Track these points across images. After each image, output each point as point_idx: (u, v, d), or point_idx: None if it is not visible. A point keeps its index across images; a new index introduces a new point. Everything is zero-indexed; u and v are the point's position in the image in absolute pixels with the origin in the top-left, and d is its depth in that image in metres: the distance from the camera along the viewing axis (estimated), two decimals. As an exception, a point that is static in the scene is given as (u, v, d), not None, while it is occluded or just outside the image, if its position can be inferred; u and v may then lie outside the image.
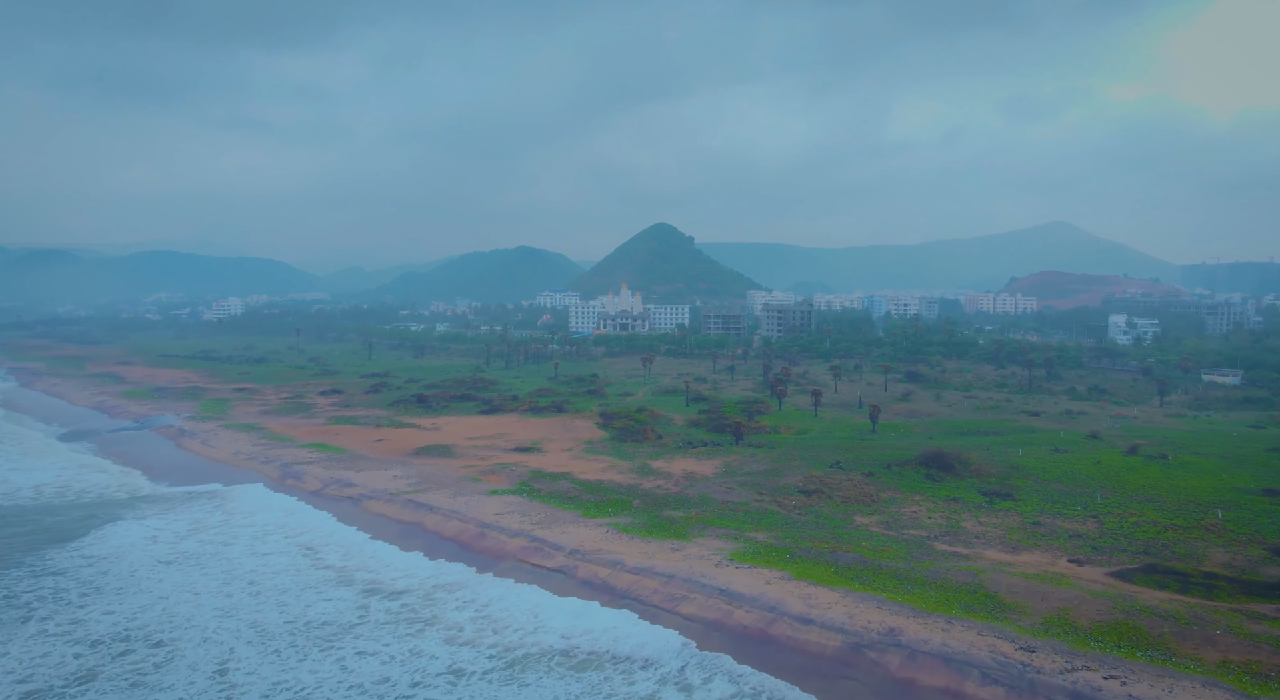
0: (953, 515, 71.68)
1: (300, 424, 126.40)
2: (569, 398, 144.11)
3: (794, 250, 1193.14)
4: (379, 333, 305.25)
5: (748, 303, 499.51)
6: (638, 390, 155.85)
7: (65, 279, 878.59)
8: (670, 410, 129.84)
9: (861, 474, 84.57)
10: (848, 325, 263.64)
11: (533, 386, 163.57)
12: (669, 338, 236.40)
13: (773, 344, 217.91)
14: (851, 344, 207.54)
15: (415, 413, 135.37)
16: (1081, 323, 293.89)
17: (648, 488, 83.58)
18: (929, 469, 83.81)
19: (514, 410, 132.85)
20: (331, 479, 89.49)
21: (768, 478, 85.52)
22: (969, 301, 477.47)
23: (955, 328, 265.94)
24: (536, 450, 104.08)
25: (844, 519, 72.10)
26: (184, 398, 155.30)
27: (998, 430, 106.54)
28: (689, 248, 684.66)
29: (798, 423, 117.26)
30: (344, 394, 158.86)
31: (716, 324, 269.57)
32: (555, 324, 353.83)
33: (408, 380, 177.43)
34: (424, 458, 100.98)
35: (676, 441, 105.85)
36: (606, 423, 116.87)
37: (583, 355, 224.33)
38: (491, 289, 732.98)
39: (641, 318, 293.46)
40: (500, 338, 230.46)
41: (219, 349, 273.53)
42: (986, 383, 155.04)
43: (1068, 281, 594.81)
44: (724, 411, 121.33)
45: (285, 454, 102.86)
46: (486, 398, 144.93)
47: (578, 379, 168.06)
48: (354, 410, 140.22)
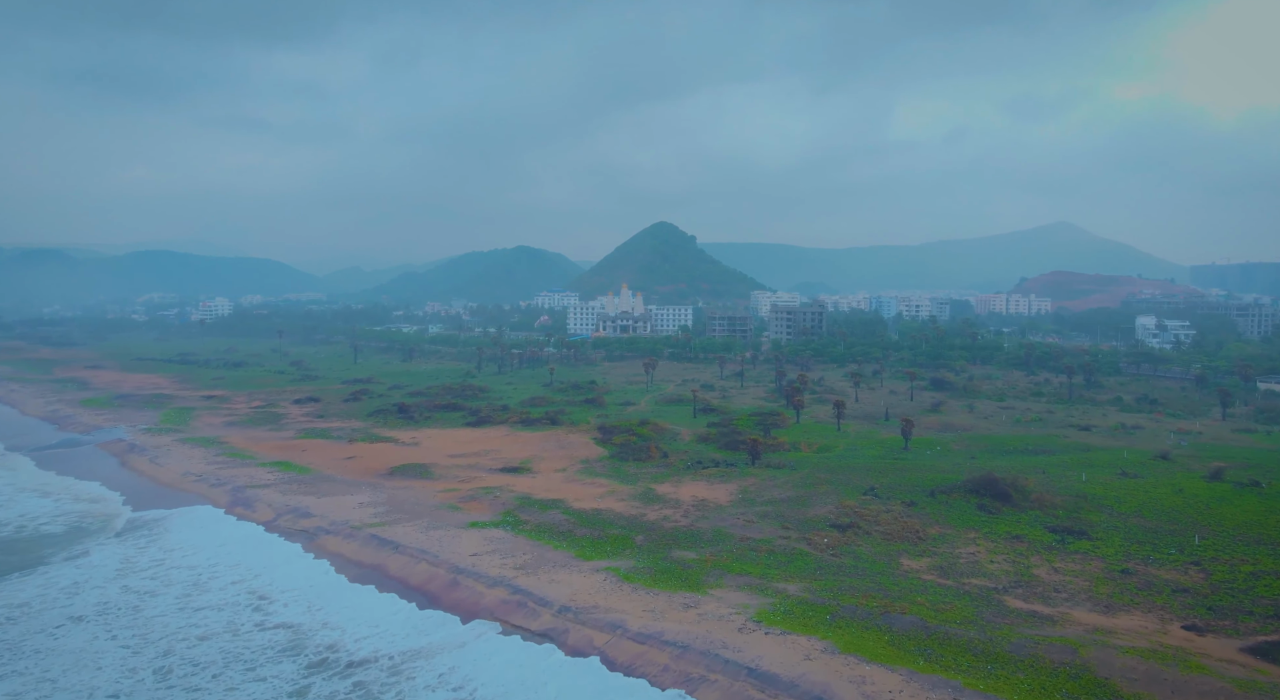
0: (1020, 559, 60.23)
1: (266, 437, 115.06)
2: (564, 408, 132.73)
3: (795, 250, 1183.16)
4: (368, 335, 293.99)
5: (752, 303, 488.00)
6: (639, 399, 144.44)
7: (58, 279, 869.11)
8: (676, 423, 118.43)
9: (902, 503, 73.13)
10: (860, 327, 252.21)
11: (525, 394, 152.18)
12: (672, 341, 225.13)
13: (783, 348, 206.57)
14: (867, 348, 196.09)
15: (395, 424, 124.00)
16: (1104, 324, 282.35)
17: (653, 519, 72.18)
18: (981, 497, 72.37)
19: (503, 422, 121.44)
20: (287, 507, 78.03)
21: (793, 507, 74.07)
22: (980, 302, 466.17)
23: (974, 330, 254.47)
24: (526, 471, 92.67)
25: (888, 562, 60.66)
26: (146, 406, 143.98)
27: (1047, 448, 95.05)
28: (691, 247, 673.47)
29: (819, 438, 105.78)
30: (320, 402, 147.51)
31: (721, 326, 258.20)
32: (553, 325, 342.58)
33: (391, 387, 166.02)
34: (398, 479, 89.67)
35: (684, 461, 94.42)
36: (605, 438, 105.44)
37: (580, 359, 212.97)
38: (489, 289, 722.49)
39: (643, 319, 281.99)
40: (493, 341, 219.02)
41: (199, 352, 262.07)
42: (1020, 391, 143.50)
43: (1080, 282, 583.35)
44: (737, 425, 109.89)
45: (241, 475, 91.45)
46: (474, 407, 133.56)
47: (574, 386, 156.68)
48: (328, 421, 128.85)
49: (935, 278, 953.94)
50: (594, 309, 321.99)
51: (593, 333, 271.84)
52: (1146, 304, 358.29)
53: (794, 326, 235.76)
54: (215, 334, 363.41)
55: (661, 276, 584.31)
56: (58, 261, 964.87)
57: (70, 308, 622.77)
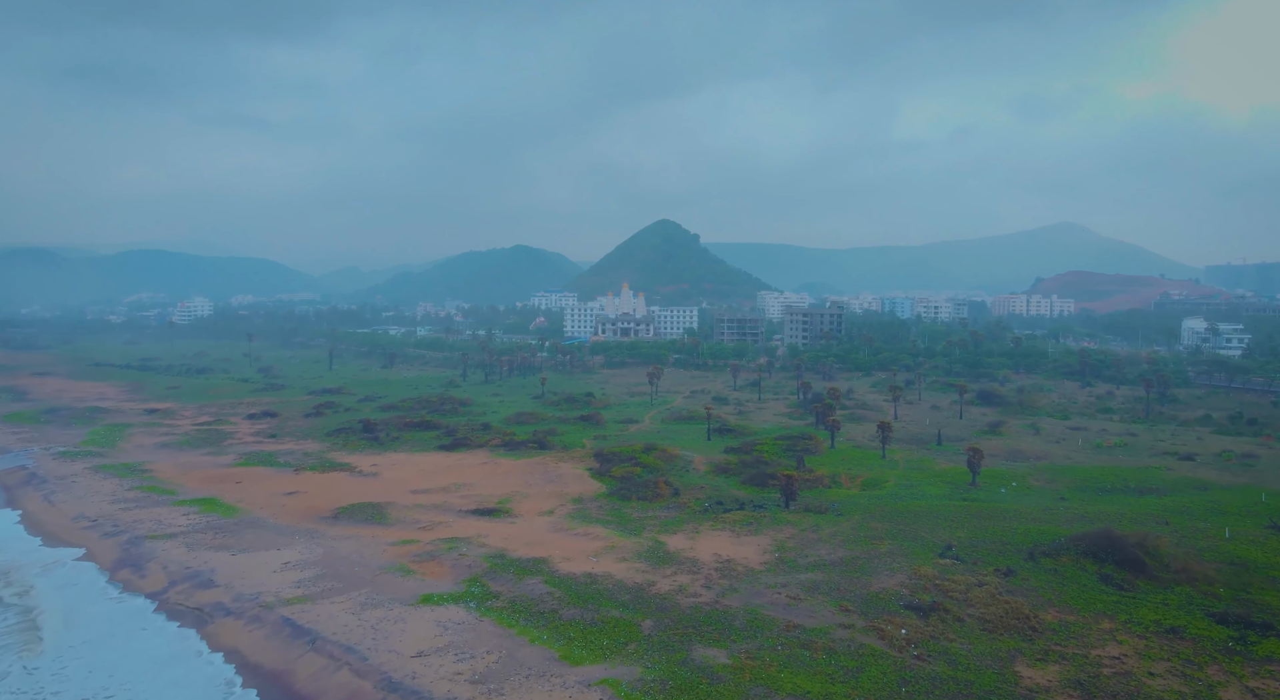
0: (1191, 670, 42.75)
1: (201, 464, 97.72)
2: (555, 426, 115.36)
3: (798, 251, 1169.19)
4: (350, 338, 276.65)
5: (759, 304, 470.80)
6: (643, 415, 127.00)
7: (44, 279, 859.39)
8: (688, 446, 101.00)
9: (996, 571, 55.68)
10: (880, 331, 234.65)
11: (512, 409, 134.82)
12: (678, 345, 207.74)
13: (801, 353, 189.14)
14: (895, 354, 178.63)
15: (356, 446, 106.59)
16: (1141, 327, 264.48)
17: (664, 591, 54.81)
18: (1101, 564, 54.99)
19: (483, 445, 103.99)
20: (188, 571, 60.59)
21: (848, 574, 56.64)
22: (998, 303, 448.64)
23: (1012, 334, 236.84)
24: (504, 513, 75.26)
25: (998, 670, 43.24)
26: (76, 422, 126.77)
27: (1152, 486, 77.56)
28: (694, 246, 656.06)
29: (862, 468, 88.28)
30: (277, 418, 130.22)
31: (730, 329, 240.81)
32: (549, 328, 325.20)
33: (362, 399, 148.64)
34: (343, 524, 72.34)
35: (700, 500, 77.00)
36: (603, 469, 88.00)
37: (577, 366, 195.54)
38: (486, 290, 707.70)
39: (645, 321, 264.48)
40: (480, 345, 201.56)
41: (164, 356, 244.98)
42: (1083, 407, 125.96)
43: (1099, 282, 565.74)
44: (761, 452, 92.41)
45: (148, 519, 74.06)
46: (450, 426, 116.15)
47: (568, 399, 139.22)
48: (280, 442, 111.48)
49: (940, 278, 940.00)
50: (592, 310, 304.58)
51: (591, 336, 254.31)
52: (1184, 305, 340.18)
53: (810, 330, 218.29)
54: (192, 336, 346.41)
55: (664, 276, 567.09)
56: (46, 261, 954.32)
57: (50, 308, 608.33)
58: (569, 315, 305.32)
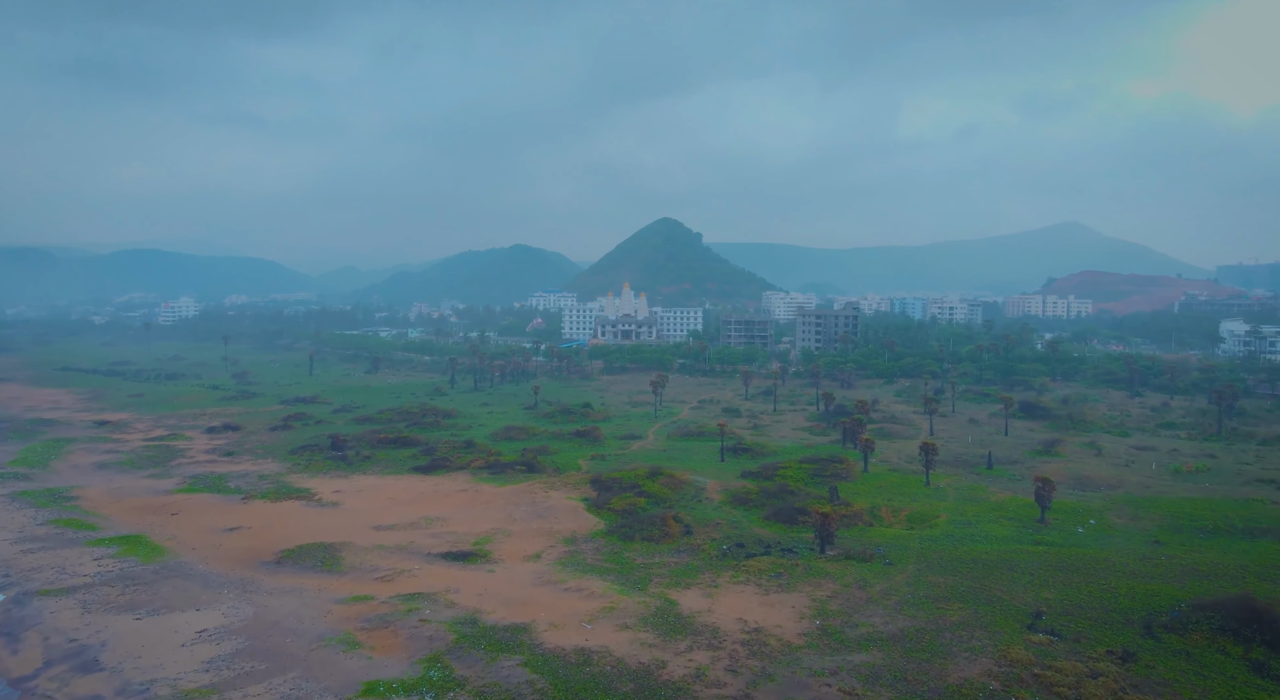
0: None
1: (137, 489, 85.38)
2: (549, 443, 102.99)
3: (799, 251, 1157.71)
4: (337, 340, 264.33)
5: (764, 305, 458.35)
6: (647, 430, 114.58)
7: (36, 279, 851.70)
8: (698, 468, 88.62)
9: (1109, 654, 43.14)
10: (896, 333, 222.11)
11: (501, 421, 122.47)
12: (683, 349, 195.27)
13: (816, 358, 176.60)
14: (918, 359, 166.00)
15: (320, 467, 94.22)
16: (1172, 329, 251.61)
17: (677, 677, 42.43)
18: (1247, 645, 42.50)
19: (464, 467, 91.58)
20: (72, 645, 48.16)
21: (916, 657, 44.11)
22: (1012, 303, 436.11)
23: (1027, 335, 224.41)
24: (481, 558, 62.91)
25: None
26: (14, 436, 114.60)
27: (1262, 525, 65.02)
28: (697, 245, 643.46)
29: (905, 499, 75.81)
30: (240, 431, 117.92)
31: (738, 331, 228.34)
32: (547, 329, 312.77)
33: (337, 409, 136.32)
34: (287, 572, 60.02)
35: (718, 541, 64.63)
36: (601, 499, 75.60)
37: (574, 371, 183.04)
38: (484, 290, 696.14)
39: (647, 324, 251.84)
40: (471, 349, 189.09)
41: (137, 360, 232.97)
42: (1140, 421, 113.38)
43: (1114, 282, 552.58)
44: (786, 479, 79.98)
45: (52, 563, 61.74)
46: (430, 443, 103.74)
47: (564, 411, 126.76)
48: (236, 461, 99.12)
49: (943, 278, 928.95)
50: (592, 311, 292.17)
51: (590, 339, 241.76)
52: (1212, 306, 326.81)
53: (824, 333, 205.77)
54: (175, 337, 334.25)
55: (666, 276, 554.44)
56: (39, 261, 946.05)
57: (36, 308, 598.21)
58: (567, 316, 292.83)
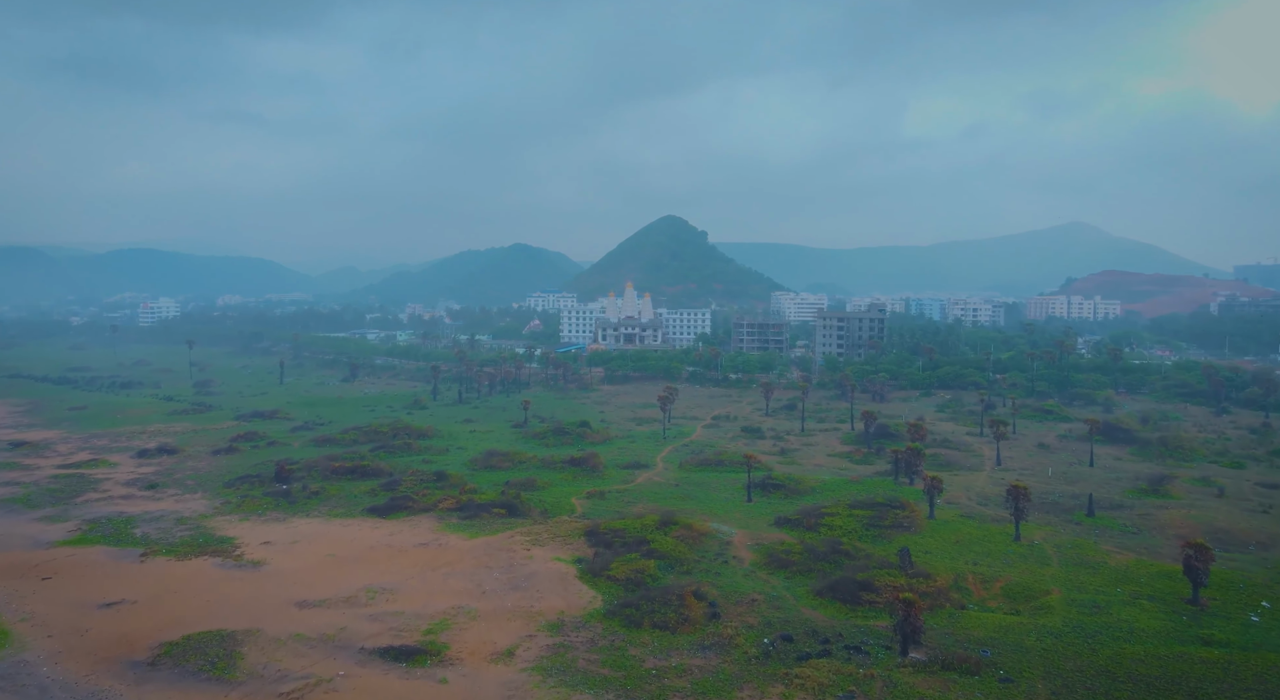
0: None
1: (16, 536, 68.83)
2: (537, 474, 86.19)
3: (803, 251, 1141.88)
4: (318, 344, 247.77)
5: (773, 306, 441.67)
6: (654, 455, 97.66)
7: (28, 278, 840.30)
8: (721, 512, 71.79)
9: None
10: (926, 338, 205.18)
11: (484, 443, 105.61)
12: (692, 355, 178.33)
13: (843, 367, 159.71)
14: (958, 368, 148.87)
15: (256, 506, 77.44)
16: (1221, 332, 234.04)
17: None
18: None
19: (430, 508, 74.70)
20: None
21: None
22: (1034, 305, 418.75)
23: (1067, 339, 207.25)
24: (434, 655, 46.18)
25: None
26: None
27: None
28: (701, 244, 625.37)
29: (993, 559, 58.82)
30: (176, 455, 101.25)
31: (751, 335, 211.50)
32: (545, 332, 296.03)
33: (297, 427, 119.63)
34: (158, 681, 43.72)
35: (754, 630, 47.85)
36: (599, 562, 58.65)
37: (572, 380, 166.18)
38: (483, 290, 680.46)
39: (652, 326, 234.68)
40: (457, 355, 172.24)
41: (99, 365, 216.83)
42: (1245, 445, 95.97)
43: (1137, 282, 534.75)
44: (835, 531, 62.96)
45: None
46: (394, 475, 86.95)
47: (557, 431, 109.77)
48: (157, 497, 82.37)
49: (949, 279, 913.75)
50: (592, 313, 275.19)
51: (589, 344, 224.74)
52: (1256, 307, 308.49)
53: (847, 337, 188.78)
54: (151, 340, 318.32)
55: (670, 276, 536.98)
56: (32, 260, 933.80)
57: (19, 309, 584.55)
58: (565, 318, 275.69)
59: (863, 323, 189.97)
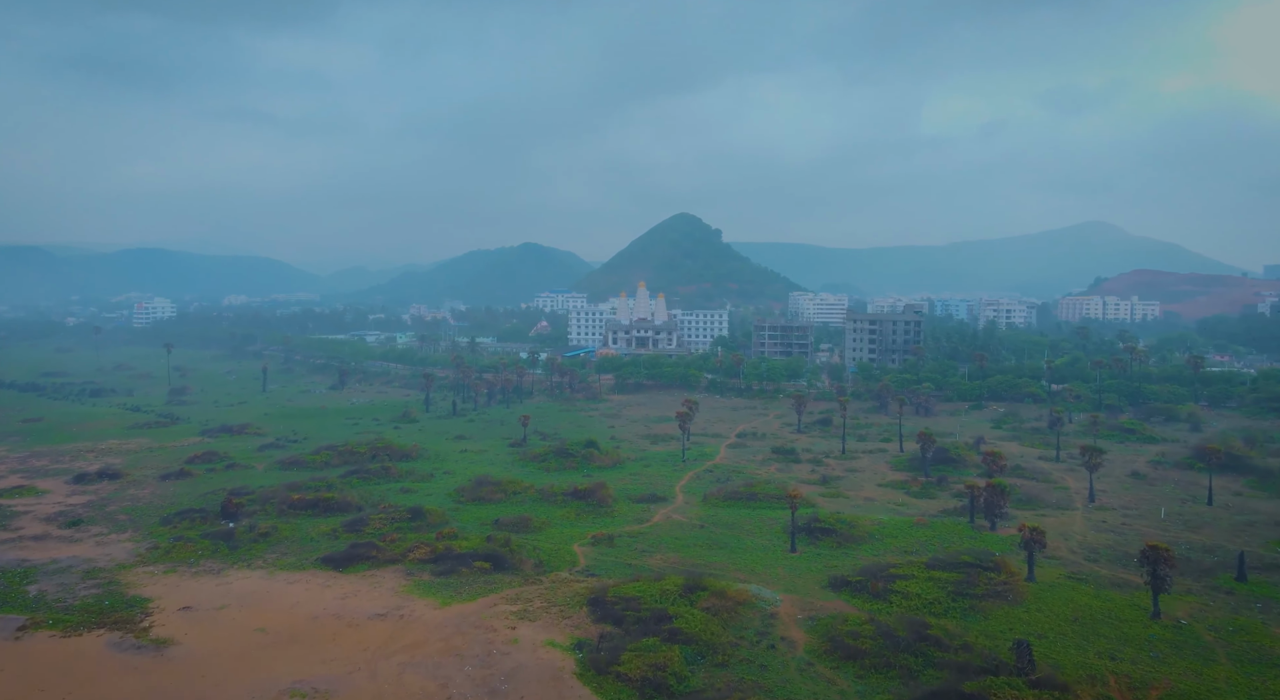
0: None
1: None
2: (533, 511, 72.30)
3: (816, 250, 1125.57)
4: (310, 347, 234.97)
5: (791, 307, 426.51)
6: (673, 484, 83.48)
7: (34, 278, 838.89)
8: (759, 567, 57.66)
9: None
10: (963, 341, 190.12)
11: (474, 467, 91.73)
12: (711, 362, 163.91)
13: (878, 374, 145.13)
14: (1011, 378, 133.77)
15: (189, 552, 63.84)
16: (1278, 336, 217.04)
17: None
18: None
19: (399, 558, 60.85)
20: None
21: None
22: (1065, 305, 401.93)
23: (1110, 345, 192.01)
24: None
25: None
26: None
27: None
28: (715, 242, 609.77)
29: (1136, 653, 44.46)
30: (119, 480, 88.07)
31: (773, 338, 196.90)
32: (552, 334, 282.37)
33: (266, 446, 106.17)
34: None
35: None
36: (604, 651, 44.55)
37: (579, 389, 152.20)
38: (491, 290, 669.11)
39: (667, 329, 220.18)
40: (455, 361, 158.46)
41: (76, 370, 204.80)
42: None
43: (1172, 282, 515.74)
44: (912, 601, 48.64)
45: None
46: (362, 510, 73.28)
47: (560, 451, 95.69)
48: (75, 538, 68.92)
49: (964, 279, 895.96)
50: (602, 314, 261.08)
51: (599, 348, 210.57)
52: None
53: (880, 342, 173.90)
54: (143, 342, 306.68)
55: (683, 275, 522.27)
56: (38, 259, 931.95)
57: (18, 309, 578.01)
58: (574, 320, 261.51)
59: (897, 325, 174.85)
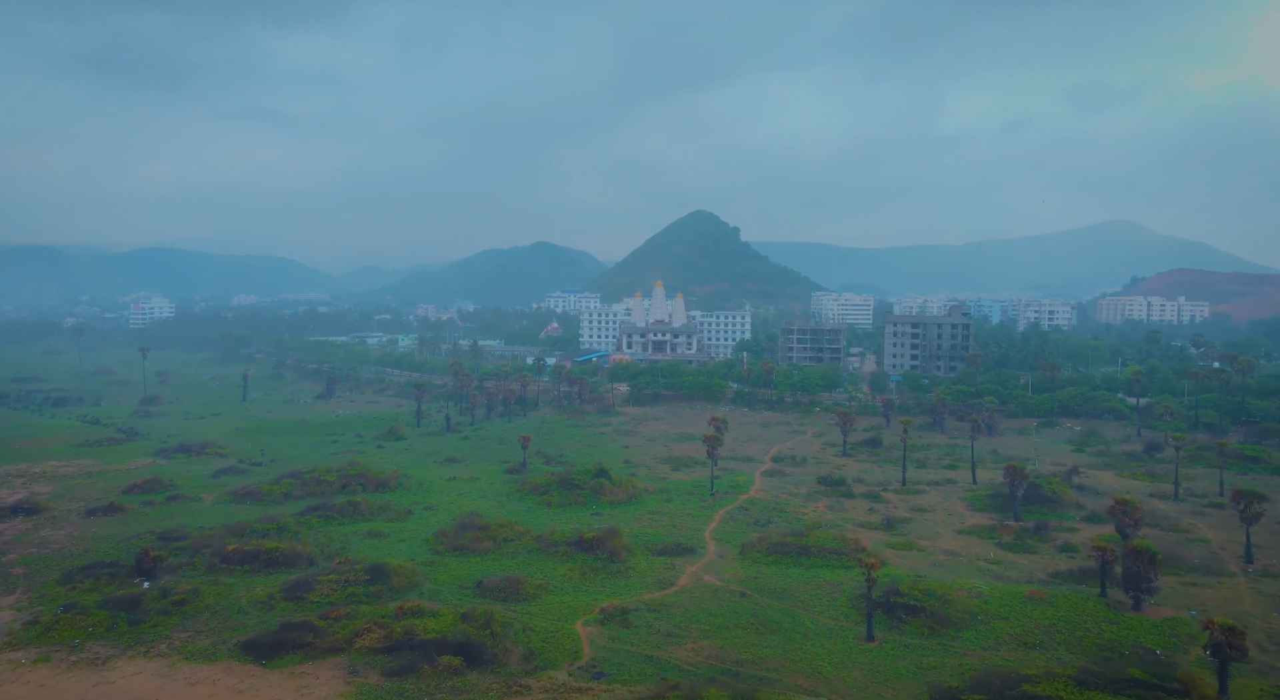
0: None
1: None
2: (525, 568, 57.22)
3: (832, 250, 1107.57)
4: (304, 350, 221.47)
5: (813, 308, 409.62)
6: (702, 529, 68.13)
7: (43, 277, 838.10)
8: (829, 670, 42.52)
9: None
10: (1012, 348, 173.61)
11: (460, 502, 76.79)
12: (737, 369, 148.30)
13: (927, 385, 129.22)
14: (1084, 389, 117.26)
15: (75, 629, 49.36)
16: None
17: None
18: None
19: (341, 647, 45.95)
20: None
21: None
22: (1108, 306, 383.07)
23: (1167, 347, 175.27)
24: None
25: None
26: None
27: None
28: (734, 241, 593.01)
29: None
30: (37, 516, 74.30)
31: (802, 343, 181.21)
32: (564, 336, 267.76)
33: (223, 471, 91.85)
34: None
35: None
36: None
37: (590, 401, 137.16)
38: (503, 290, 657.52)
39: (686, 332, 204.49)
40: (453, 368, 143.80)
41: (53, 375, 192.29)
42: None
43: (1215, 281, 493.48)
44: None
45: None
46: (311, 567, 58.57)
47: (565, 482, 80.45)
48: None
49: (984, 279, 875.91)
50: (616, 316, 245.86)
51: (612, 353, 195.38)
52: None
53: (924, 347, 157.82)
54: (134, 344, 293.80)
55: (700, 274, 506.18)
56: (49, 259, 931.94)
57: (20, 309, 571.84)
58: (586, 322, 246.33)
59: (942, 329, 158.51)
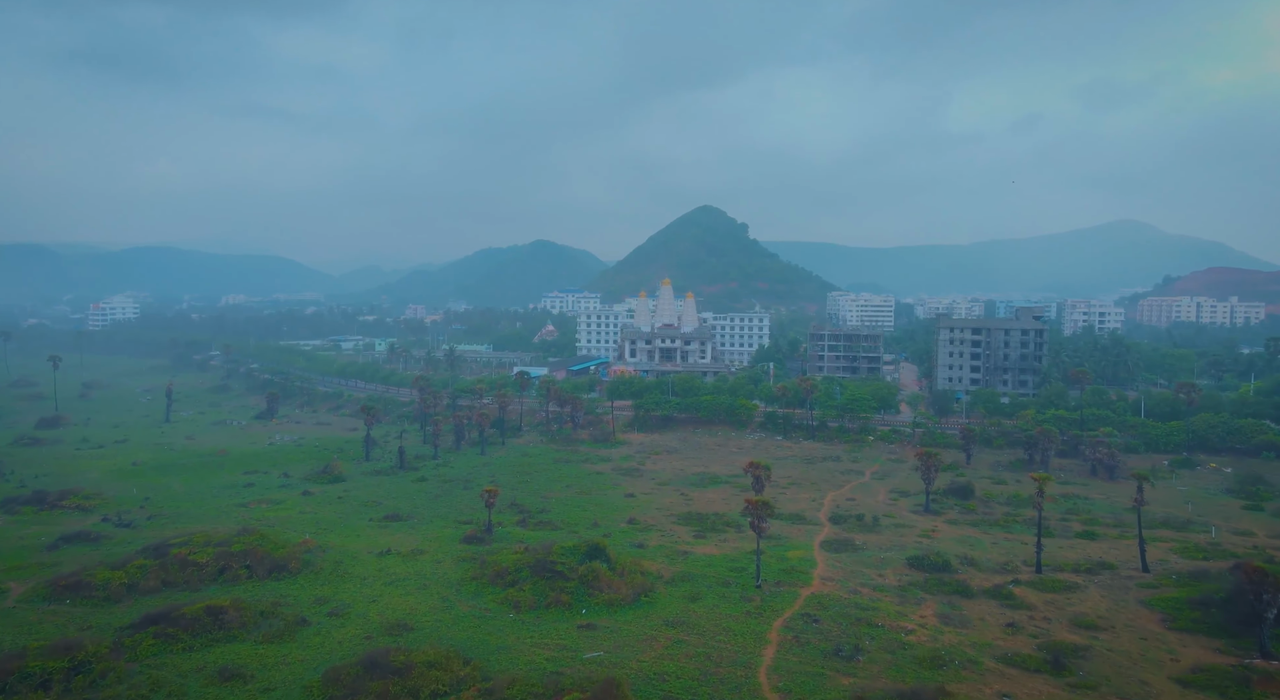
0: None
1: None
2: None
3: (840, 249, 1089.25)
4: (267, 355, 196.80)
5: (829, 309, 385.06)
6: (754, 666, 42.59)
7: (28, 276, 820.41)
8: None
9: None
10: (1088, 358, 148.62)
11: (386, 603, 51.78)
12: (765, 386, 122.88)
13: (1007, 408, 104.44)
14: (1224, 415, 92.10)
15: None
16: None
17: None
18: None
19: None
20: None
21: None
22: (1149, 308, 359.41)
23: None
24: None
25: None
26: None
27: None
28: (741, 238, 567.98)
29: None
30: None
31: (834, 350, 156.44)
32: (560, 340, 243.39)
33: (67, 538, 67.21)
34: None
35: None
36: None
37: (585, 424, 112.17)
38: (502, 289, 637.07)
39: (699, 338, 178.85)
40: (417, 384, 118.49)
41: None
42: None
43: (1255, 281, 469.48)
44: None
45: None
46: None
47: (540, 568, 55.19)
48: None
49: (994, 279, 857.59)
50: (618, 317, 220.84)
51: (613, 363, 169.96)
52: None
53: (988, 357, 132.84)
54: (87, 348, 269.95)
55: (706, 273, 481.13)
56: (37, 257, 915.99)
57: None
58: (584, 325, 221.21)
59: (1010, 336, 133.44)
